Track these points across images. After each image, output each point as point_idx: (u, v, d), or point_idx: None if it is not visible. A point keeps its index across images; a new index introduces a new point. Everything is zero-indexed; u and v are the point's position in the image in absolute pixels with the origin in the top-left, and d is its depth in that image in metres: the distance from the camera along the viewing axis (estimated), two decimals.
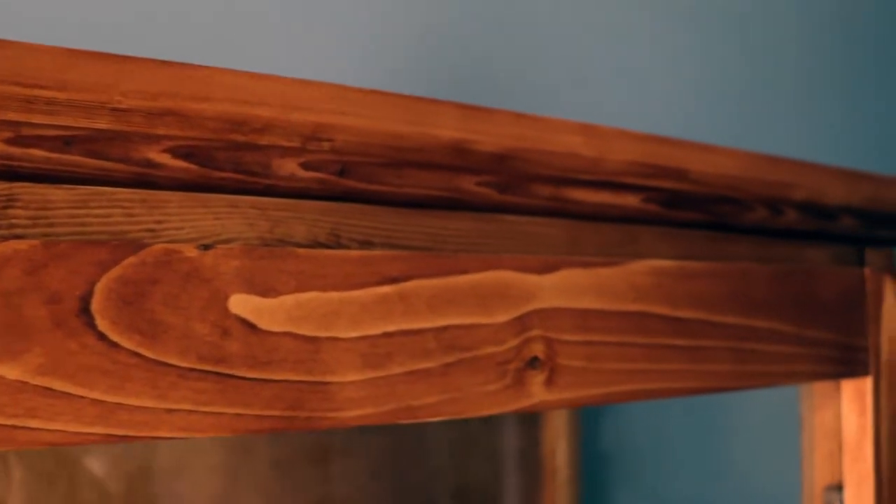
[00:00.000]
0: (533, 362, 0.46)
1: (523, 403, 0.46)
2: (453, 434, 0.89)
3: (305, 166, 0.43)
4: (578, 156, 0.48)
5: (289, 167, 0.42)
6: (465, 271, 0.44)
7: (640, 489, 1.04)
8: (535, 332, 0.46)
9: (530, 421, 0.92)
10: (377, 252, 0.42)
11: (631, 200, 0.53)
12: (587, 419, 0.99)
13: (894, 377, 0.64)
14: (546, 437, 0.92)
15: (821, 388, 0.67)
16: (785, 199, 0.59)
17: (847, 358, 0.61)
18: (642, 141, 0.50)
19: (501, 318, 0.45)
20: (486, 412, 0.45)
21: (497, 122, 0.45)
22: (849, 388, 0.63)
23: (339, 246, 0.45)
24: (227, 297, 0.38)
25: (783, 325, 0.57)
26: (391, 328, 0.42)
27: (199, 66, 0.38)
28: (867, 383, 0.63)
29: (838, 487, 0.64)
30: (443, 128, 0.44)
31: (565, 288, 0.48)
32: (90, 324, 0.35)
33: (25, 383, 0.33)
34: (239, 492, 0.80)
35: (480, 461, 0.90)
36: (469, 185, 0.47)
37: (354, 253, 0.42)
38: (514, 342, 0.46)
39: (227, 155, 0.39)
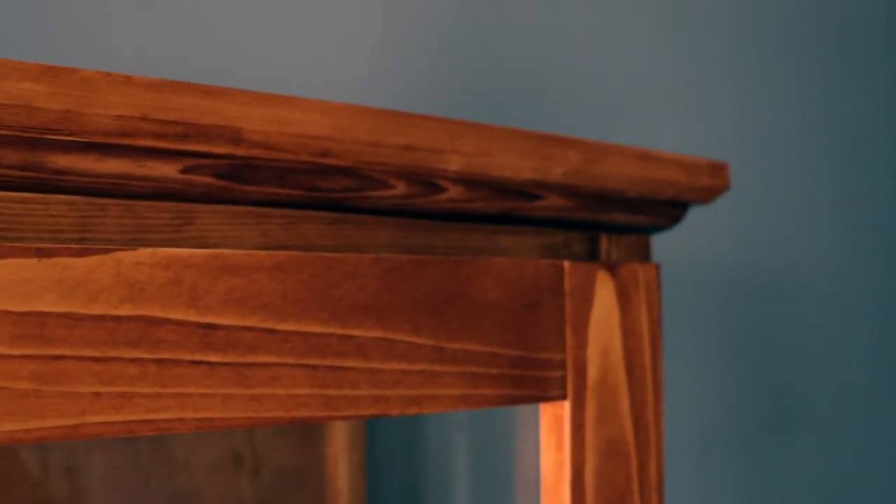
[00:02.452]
0: None
1: None
2: (211, 450, 0.79)
3: None
4: (38, 109, 0.38)
5: None
6: None
7: None
8: None
9: (311, 436, 0.82)
10: None
11: (164, 170, 0.42)
12: (376, 434, 0.89)
13: (608, 401, 0.52)
14: (329, 454, 0.82)
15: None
16: (435, 170, 0.47)
17: (527, 377, 0.50)
18: (148, 89, 0.40)
19: None
20: None
21: None
22: (547, 414, 0.52)
23: None
24: None
25: (408, 335, 0.46)
26: None
27: None
28: (564, 409, 0.51)
29: None
30: None
31: (1, 285, 0.37)
32: None
33: None
34: None
35: (245, 482, 0.81)
36: None
37: None
38: None
39: None
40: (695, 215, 1.16)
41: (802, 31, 1.32)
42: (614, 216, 0.55)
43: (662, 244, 1.11)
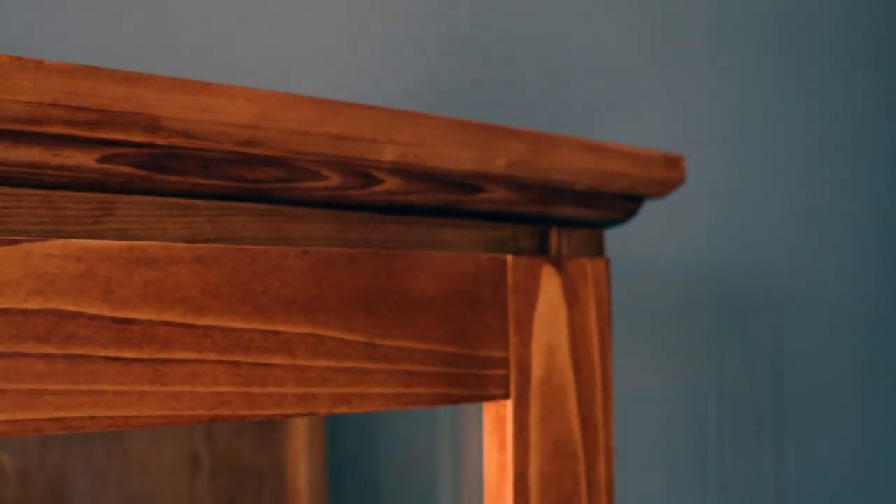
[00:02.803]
0: None
1: None
2: (167, 450, 0.78)
3: None
4: None
5: None
6: None
7: None
8: None
9: (271, 436, 0.81)
10: None
11: (80, 159, 0.41)
12: (336, 434, 0.88)
13: (554, 400, 0.51)
14: (289, 454, 0.81)
15: None
16: (369, 161, 0.46)
17: (467, 376, 0.49)
18: (60, 74, 0.38)
19: None
20: None
21: None
22: (490, 414, 0.51)
23: None
24: None
25: (338, 331, 0.45)
26: None
27: None
28: (507, 409, 0.50)
29: None
30: None
31: None
32: None
33: None
34: None
35: (204, 482, 0.79)
36: None
37: None
38: None
39: None
40: (679, 214, 1.15)
41: (799, 28, 1.30)
42: (563, 209, 0.53)
43: (646, 243, 1.10)
